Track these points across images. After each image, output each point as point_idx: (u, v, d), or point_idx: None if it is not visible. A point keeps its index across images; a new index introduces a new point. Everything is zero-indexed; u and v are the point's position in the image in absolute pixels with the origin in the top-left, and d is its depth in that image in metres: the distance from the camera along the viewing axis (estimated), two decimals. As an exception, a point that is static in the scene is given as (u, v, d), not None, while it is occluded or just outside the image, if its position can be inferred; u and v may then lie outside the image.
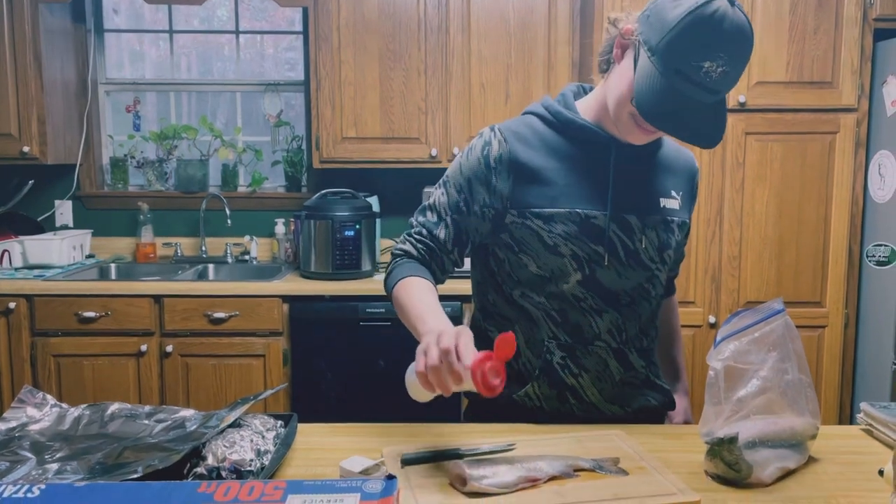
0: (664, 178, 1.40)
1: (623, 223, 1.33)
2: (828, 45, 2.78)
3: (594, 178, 1.33)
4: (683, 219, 1.42)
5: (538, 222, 1.32)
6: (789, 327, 1.17)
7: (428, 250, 1.38)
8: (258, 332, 2.89)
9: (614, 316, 1.35)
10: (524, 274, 1.36)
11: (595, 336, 1.36)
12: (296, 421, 1.25)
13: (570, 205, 1.31)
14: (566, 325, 1.35)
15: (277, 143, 3.55)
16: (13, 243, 3.12)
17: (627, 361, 1.38)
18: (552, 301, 1.35)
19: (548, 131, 1.36)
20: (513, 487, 1.03)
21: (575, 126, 1.34)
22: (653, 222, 1.36)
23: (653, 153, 1.40)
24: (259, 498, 0.80)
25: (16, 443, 1.18)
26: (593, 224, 1.32)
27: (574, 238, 1.31)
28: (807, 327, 2.86)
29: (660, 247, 1.37)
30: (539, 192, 1.32)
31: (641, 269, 1.36)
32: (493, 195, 1.34)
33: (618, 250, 1.33)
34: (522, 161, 1.33)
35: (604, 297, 1.34)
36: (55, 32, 3.23)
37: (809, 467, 1.15)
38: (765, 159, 2.84)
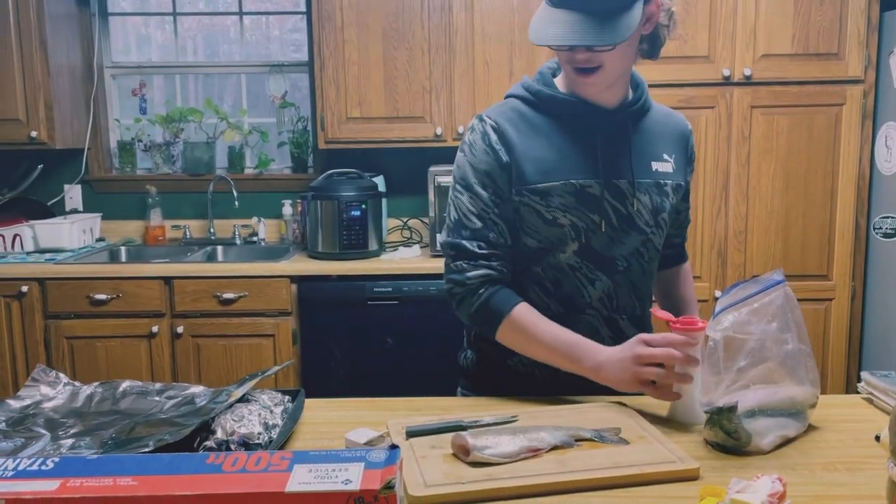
0: (654, 143, 1.42)
1: (615, 189, 1.36)
2: (834, 16, 2.76)
3: (583, 149, 1.36)
4: (678, 181, 1.44)
5: (535, 198, 1.34)
6: (789, 298, 1.18)
7: (500, 261, 1.36)
8: (267, 313, 2.92)
9: (606, 283, 1.38)
10: (524, 249, 1.38)
11: (586, 304, 1.38)
12: (303, 396, 1.27)
13: (565, 176, 1.34)
14: (559, 294, 1.38)
15: (283, 125, 3.56)
16: (24, 228, 3.15)
17: (618, 329, 1.40)
18: (547, 271, 1.38)
19: (530, 111, 1.39)
20: (515, 457, 1.05)
21: (556, 101, 1.38)
22: (644, 186, 1.38)
23: (638, 118, 1.42)
24: (266, 468, 0.82)
25: (30, 420, 1.21)
26: (588, 193, 1.35)
27: (572, 209, 1.34)
28: (813, 300, 2.87)
29: (653, 210, 1.39)
30: (532, 168, 1.34)
31: (636, 232, 1.38)
32: (507, 176, 1.35)
33: (611, 217, 1.36)
34: (514, 142, 1.36)
35: (598, 265, 1.37)
36: (60, 17, 3.24)
37: (809, 435, 1.16)
38: (771, 132, 2.83)
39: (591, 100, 1.37)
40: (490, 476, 1.00)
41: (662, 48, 1.40)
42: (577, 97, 1.37)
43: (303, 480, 0.79)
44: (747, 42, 2.77)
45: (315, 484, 0.79)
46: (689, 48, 2.78)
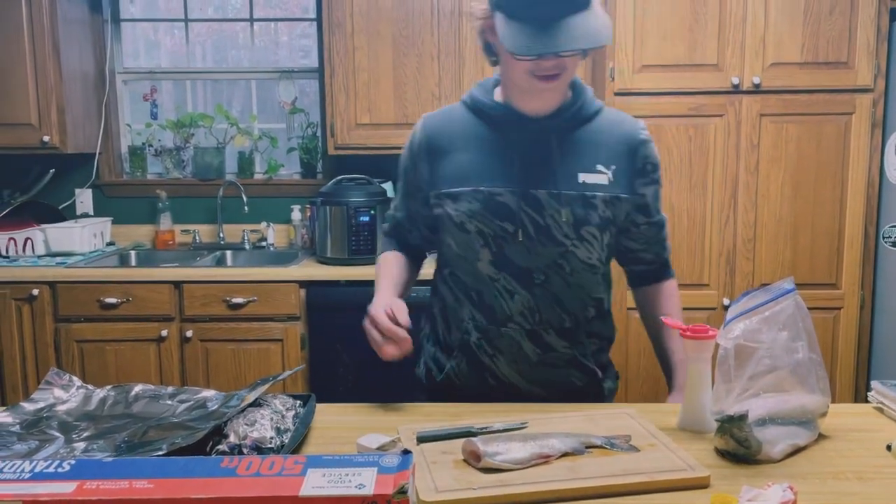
0: (588, 153, 1.38)
1: (531, 199, 1.35)
2: (843, 25, 2.76)
3: (504, 157, 1.37)
4: (616, 194, 1.38)
5: (448, 202, 1.39)
6: (800, 306, 1.18)
7: (398, 227, 1.57)
8: (276, 317, 2.93)
9: (526, 297, 1.38)
10: (449, 253, 1.45)
11: (507, 318, 1.39)
12: (314, 401, 1.28)
13: (475, 183, 1.37)
14: (482, 306, 1.41)
15: (293, 130, 3.58)
16: (35, 231, 3.17)
17: (544, 342, 1.40)
18: (472, 282, 1.41)
19: (467, 116, 1.43)
20: (526, 464, 1.05)
21: (487, 107, 1.40)
22: (566, 198, 1.35)
23: (572, 127, 1.39)
24: (280, 472, 0.83)
25: (44, 423, 1.22)
26: (498, 201, 1.35)
27: (478, 215, 1.36)
28: (822, 309, 2.86)
29: (576, 223, 1.35)
30: (451, 173, 1.39)
31: (553, 244, 1.36)
32: (420, 179, 1.45)
33: (528, 227, 1.35)
34: (439, 146, 1.42)
35: (516, 276, 1.37)
36: (73, 22, 3.26)
37: (819, 444, 1.16)
38: (780, 141, 2.83)
39: (520, 109, 1.38)
40: (501, 482, 1.01)
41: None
42: (510, 105, 1.39)
43: (316, 485, 0.80)
44: (756, 50, 2.78)
45: (329, 488, 0.79)
46: (699, 56, 2.79)
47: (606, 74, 2.82)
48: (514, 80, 1.35)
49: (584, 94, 1.42)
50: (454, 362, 1.45)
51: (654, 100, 2.82)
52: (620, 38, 2.79)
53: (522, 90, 1.35)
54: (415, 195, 1.48)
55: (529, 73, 1.30)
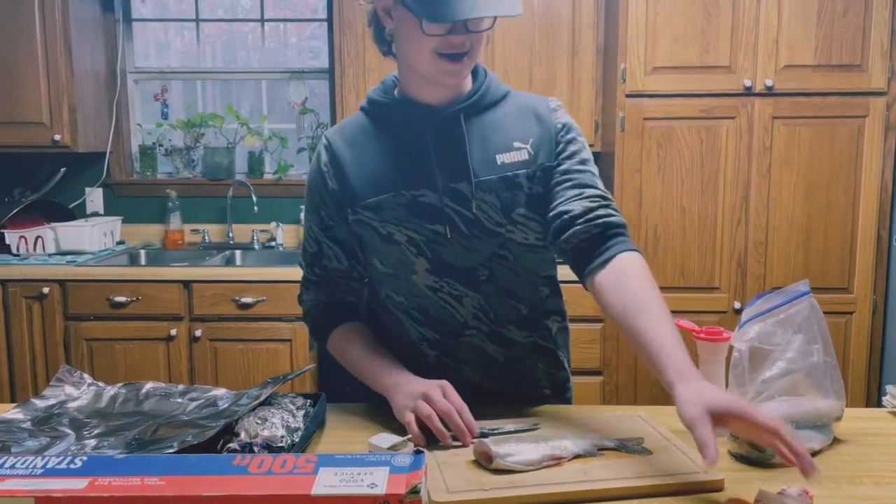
0: (501, 132, 1.29)
1: (455, 194, 1.25)
2: (857, 27, 2.74)
3: (417, 156, 1.27)
4: (539, 163, 1.28)
5: (368, 214, 1.28)
6: (815, 309, 1.17)
7: (330, 287, 1.37)
8: (285, 317, 2.93)
9: (475, 298, 1.29)
10: (376, 275, 1.34)
11: (462, 325, 1.30)
12: (324, 400, 1.28)
13: (395, 187, 1.26)
14: (430, 322, 1.31)
15: (302, 131, 3.58)
16: (46, 230, 3.19)
17: (506, 339, 1.33)
18: (410, 298, 1.31)
19: (368, 122, 1.33)
20: (537, 465, 1.05)
21: (386, 107, 1.31)
22: (489, 184, 1.26)
23: (478, 111, 1.30)
24: (292, 470, 0.82)
25: (55, 419, 1.22)
26: (423, 202, 1.26)
27: (405, 221, 1.26)
28: (834, 313, 2.84)
29: (503, 208, 1.26)
30: (364, 183, 1.28)
31: (488, 236, 1.27)
32: (334, 199, 1.31)
33: (457, 223, 1.26)
34: (345, 159, 1.30)
35: (460, 279, 1.28)
36: (85, 21, 3.28)
37: (834, 448, 1.15)
38: (792, 143, 2.81)
39: (421, 100, 1.28)
40: (513, 483, 1.00)
41: None
42: (406, 98, 1.30)
43: (328, 483, 0.80)
44: (769, 53, 2.76)
45: (341, 487, 0.79)
46: (711, 58, 2.78)
47: (618, 76, 2.81)
48: (417, 64, 1.23)
49: (489, 79, 1.33)
50: None
51: (666, 102, 2.81)
52: (632, 40, 2.78)
53: (426, 76, 1.24)
54: (337, 219, 1.33)
55: (436, 52, 1.19)
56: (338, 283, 1.37)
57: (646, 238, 2.86)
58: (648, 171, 2.84)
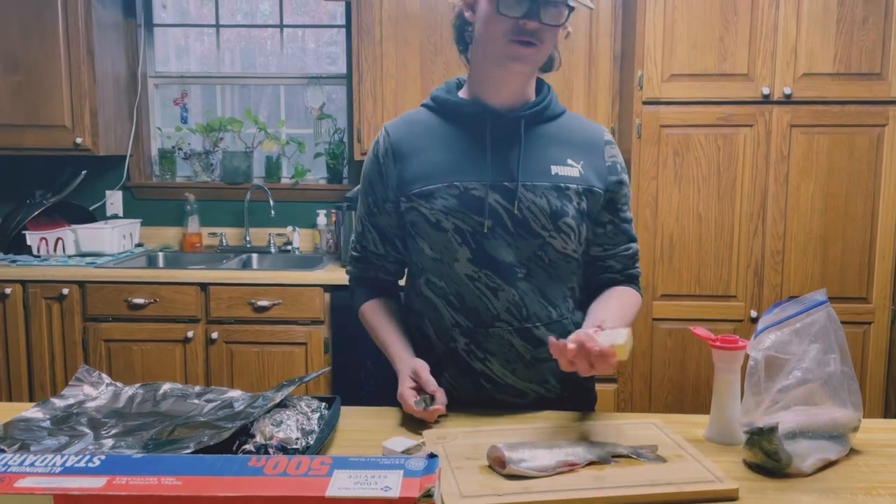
0: (557, 147, 1.39)
1: (505, 192, 1.34)
2: (877, 36, 2.72)
3: (474, 152, 1.36)
4: (589, 186, 1.38)
5: (421, 202, 1.36)
6: (832, 319, 1.16)
7: (365, 263, 1.50)
8: (300, 321, 2.95)
9: (511, 293, 1.35)
10: (423, 259, 1.40)
11: (494, 317, 1.36)
12: (339, 403, 1.28)
13: (449, 178, 1.35)
14: (464, 310, 1.37)
15: (320, 136, 3.60)
16: (66, 231, 3.23)
17: (534, 338, 1.37)
18: (450, 285, 1.37)
19: (431, 117, 1.43)
20: (551, 471, 1.05)
21: (451, 104, 1.40)
22: (541, 189, 1.34)
23: (538, 122, 1.40)
24: (306, 472, 0.83)
25: (74, 419, 1.24)
26: (473, 195, 1.34)
27: (455, 211, 1.34)
28: (852, 323, 2.81)
29: (552, 213, 1.34)
30: (420, 173, 1.37)
31: (531, 237, 1.34)
32: (388, 188, 1.41)
33: (503, 219, 1.34)
34: (404, 150, 1.39)
35: (498, 272, 1.34)
36: (107, 27, 3.32)
37: (851, 459, 1.14)
38: (811, 152, 2.79)
39: (487, 101, 1.38)
40: (526, 489, 1.00)
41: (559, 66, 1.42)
42: (476, 100, 1.39)
43: (343, 486, 0.80)
44: (788, 61, 2.75)
45: (355, 489, 0.79)
46: (729, 66, 2.77)
47: (635, 83, 2.81)
48: (490, 47, 1.33)
49: (552, 94, 1.43)
50: (446, 375, 1.39)
51: (683, 109, 2.80)
52: (649, 47, 2.78)
53: (496, 60, 1.33)
54: (382, 208, 1.43)
55: (510, 35, 1.28)
56: (372, 263, 1.49)
57: (661, 245, 2.85)
58: (665, 178, 2.83)
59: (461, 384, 1.39)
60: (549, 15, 1.28)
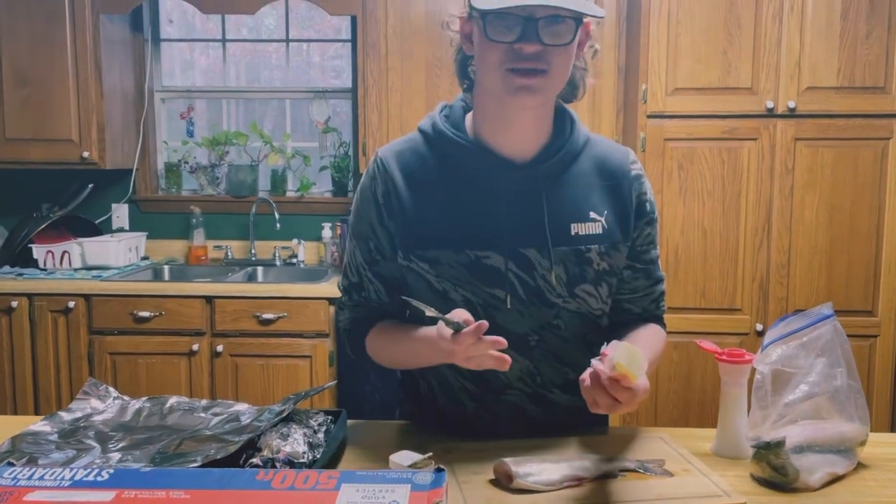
0: (578, 198, 1.22)
1: (521, 260, 1.18)
2: (880, 49, 2.73)
3: (485, 210, 1.19)
4: (612, 241, 1.23)
5: (424, 265, 1.20)
6: (838, 332, 1.16)
7: (369, 316, 1.30)
8: (305, 334, 2.95)
9: (524, 364, 1.23)
10: (425, 321, 1.15)
11: (505, 385, 1.24)
12: (345, 417, 1.28)
13: (458, 245, 1.18)
14: (472, 377, 1.24)
15: (325, 149, 3.62)
16: (73, 245, 3.24)
17: (548, 402, 1.27)
18: None
19: (432, 155, 1.23)
20: (558, 485, 1.05)
21: (458, 148, 1.21)
22: (559, 256, 1.19)
23: (561, 172, 1.22)
24: (314, 486, 0.83)
25: (81, 432, 1.24)
26: (486, 265, 1.18)
27: (465, 283, 1.18)
28: (858, 336, 2.80)
29: (568, 282, 1.20)
30: (423, 229, 1.20)
31: (545, 306, 1.21)
32: (388, 236, 1.24)
33: (517, 290, 1.19)
34: (404, 196, 1.21)
35: (511, 345, 1.08)
36: (115, 42, 3.35)
37: (858, 473, 1.14)
38: (815, 165, 2.80)
39: (496, 148, 1.20)
40: (534, 503, 1.00)
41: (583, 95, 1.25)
42: (482, 144, 1.20)
43: (350, 500, 0.80)
44: (791, 74, 2.76)
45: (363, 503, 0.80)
46: (733, 79, 2.78)
47: (639, 97, 2.82)
48: (488, 83, 1.16)
49: (575, 132, 1.25)
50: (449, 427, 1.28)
51: (687, 123, 2.81)
52: (653, 61, 2.79)
53: (497, 96, 1.16)
54: (385, 254, 1.25)
55: (507, 63, 1.10)
56: (374, 310, 1.31)
57: (666, 259, 2.85)
58: (670, 191, 2.84)
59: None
60: (551, 33, 1.09)
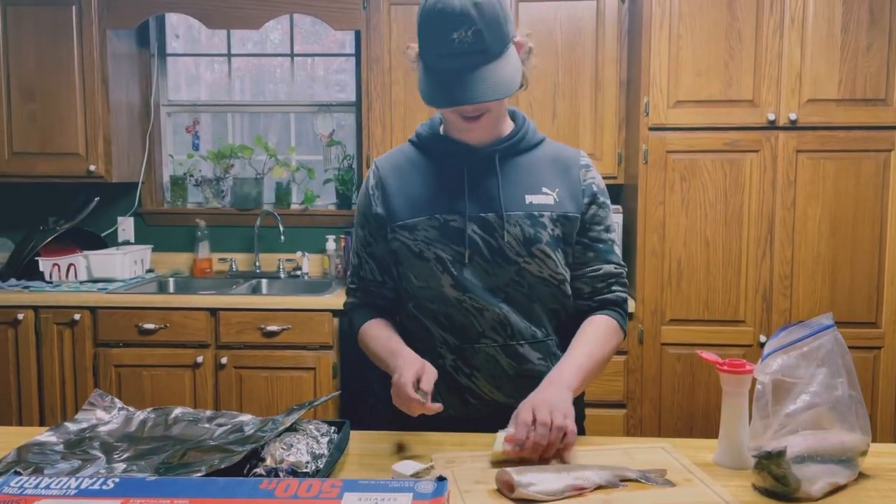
0: (531, 177, 1.45)
1: (482, 222, 1.41)
2: (881, 62, 2.75)
3: (453, 186, 1.44)
4: (564, 212, 1.44)
5: (404, 233, 1.44)
6: (839, 342, 1.17)
7: (364, 292, 1.56)
8: (309, 346, 2.96)
9: (495, 312, 1.41)
10: (410, 286, 1.48)
11: (480, 334, 1.43)
12: (349, 427, 1.29)
13: (430, 211, 1.43)
14: (452, 328, 1.44)
15: (329, 162, 3.64)
16: (78, 257, 3.26)
17: (518, 354, 1.43)
18: (439, 306, 1.44)
19: (415, 152, 1.51)
20: (559, 495, 1.05)
21: (432, 141, 1.49)
22: (515, 218, 1.41)
23: (512, 154, 1.46)
24: (317, 495, 0.84)
25: (87, 442, 1.25)
26: (452, 226, 1.42)
27: (436, 241, 1.42)
28: (862, 348, 2.80)
29: (525, 241, 1.41)
30: (404, 206, 1.45)
31: (507, 263, 1.41)
32: (378, 220, 1.49)
33: (481, 248, 1.41)
34: (390, 183, 1.49)
35: (481, 295, 1.41)
36: (121, 56, 3.38)
37: (860, 483, 1.14)
38: (817, 177, 2.81)
39: (460, 139, 1.45)
40: (535, 513, 1.01)
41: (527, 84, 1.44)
42: (448, 137, 1.47)
43: (353, 508, 0.81)
44: (793, 87, 2.77)
45: (365, 512, 0.80)
46: (734, 92, 2.79)
47: (641, 109, 2.84)
48: (445, 116, 1.45)
49: (526, 126, 1.50)
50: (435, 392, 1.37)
51: (689, 135, 2.83)
52: (655, 74, 2.81)
53: (454, 127, 1.44)
54: (377, 237, 1.51)
55: (454, 112, 1.38)
56: (371, 292, 1.55)
57: (669, 271, 2.86)
58: (672, 203, 2.85)
59: (449, 401, 1.42)
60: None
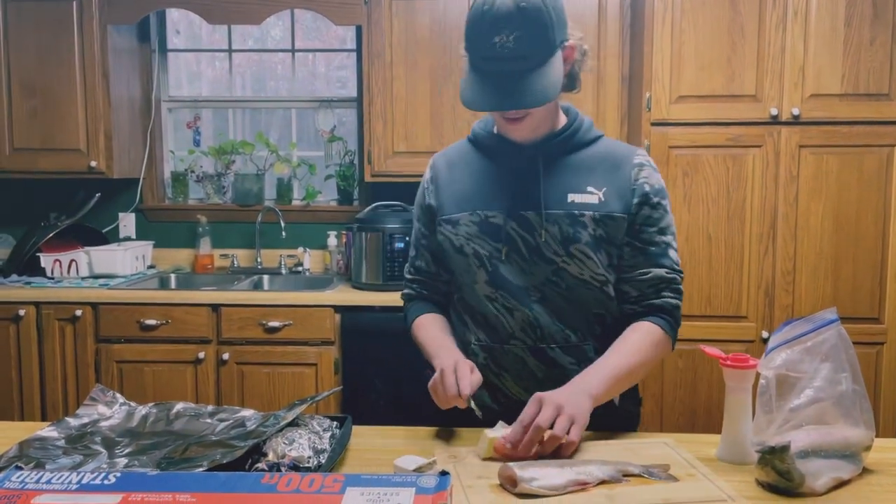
0: (577, 175, 1.42)
1: (521, 220, 1.40)
2: (884, 56, 2.73)
3: (497, 183, 1.45)
4: (609, 212, 1.39)
5: (448, 227, 1.47)
6: (843, 337, 1.16)
7: (420, 284, 1.59)
8: (311, 342, 2.96)
9: (525, 314, 1.40)
10: (454, 279, 1.51)
11: (509, 335, 1.42)
12: (350, 422, 1.29)
13: (473, 207, 1.44)
14: (485, 326, 1.45)
15: (330, 158, 3.63)
16: (80, 253, 3.26)
17: (548, 358, 1.41)
18: (473, 301, 1.46)
19: (469, 149, 1.53)
20: (562, 490, 1.05)
21: (485, 138, 1.50)
22: (554, 217, 1.39)
23: (559, 152, 1.44)
24: (319, 489, 0.84)
25: (88, 438, 1.25)
26: (492, 223, 1.42)
27: (475, 237, 1.43)
28: (865, 344, 2.80)
29: (563, 240, 1.38)
30: (451, 201, 1.48)
31: (544, 262, 1.40)
32: (430, 213, 1.53)
33: (518, 246, 1.40)
34: (443, 179, 1.52)
35: (514, 294, 1.41)
36: (122, 52, 3.38)
37: (864, 478, 1.14)
38: (820, 172, 2.80)
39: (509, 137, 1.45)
40: (538, 508, 1.00)
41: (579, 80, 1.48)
42: (498, 134, 1.48)
43: (355, 503, 0.81)
44: (795, 82, 2.76)
45: (368, 507, 0.80)
46: (736, 87, 2.78)
47: (643, 105, 2.83)
48: (492, 114, 1.45)
49: (578, 123, 1.47)
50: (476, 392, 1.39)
51: (692, 130, 2.82)
52: (657, 69, 2.80)
53: (499, 125, 1.44)
54: (431, 229, 1.54)
55: (497, 112, 1.39)
56: (425, 283, 1.59)
57: (672, 266, 2.85)
58: (674, 198, 2.84)
59: (480, 397, 1.42)
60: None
